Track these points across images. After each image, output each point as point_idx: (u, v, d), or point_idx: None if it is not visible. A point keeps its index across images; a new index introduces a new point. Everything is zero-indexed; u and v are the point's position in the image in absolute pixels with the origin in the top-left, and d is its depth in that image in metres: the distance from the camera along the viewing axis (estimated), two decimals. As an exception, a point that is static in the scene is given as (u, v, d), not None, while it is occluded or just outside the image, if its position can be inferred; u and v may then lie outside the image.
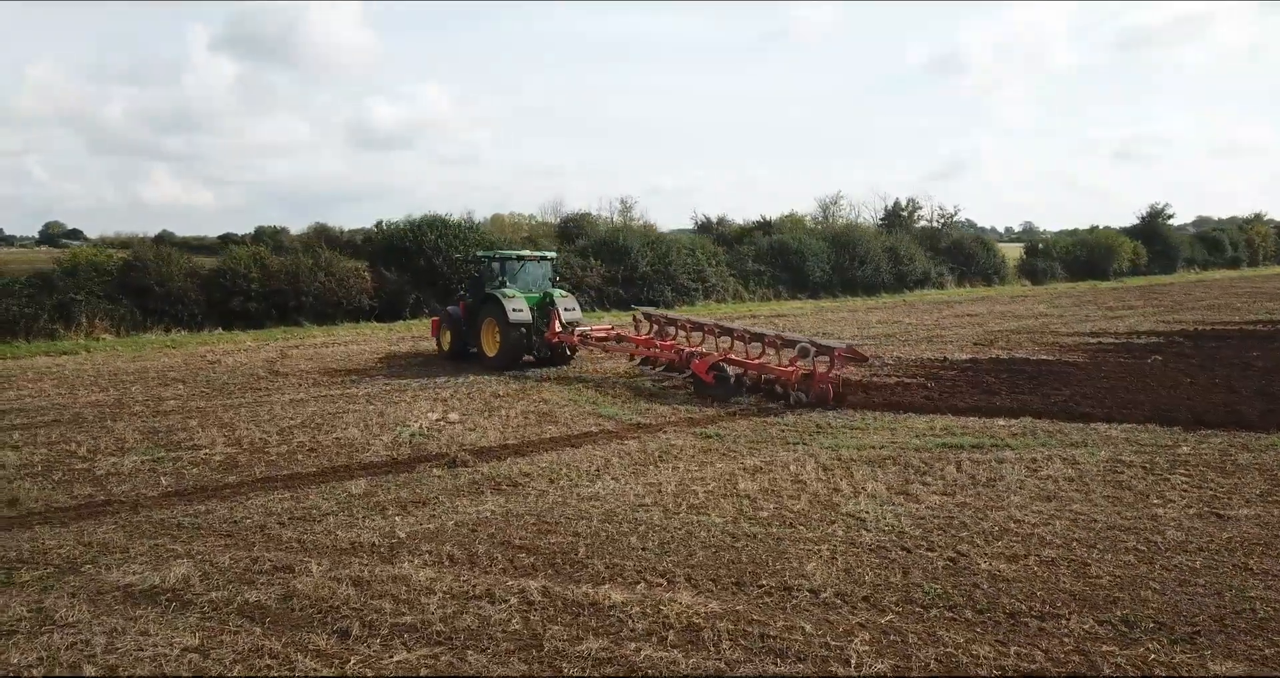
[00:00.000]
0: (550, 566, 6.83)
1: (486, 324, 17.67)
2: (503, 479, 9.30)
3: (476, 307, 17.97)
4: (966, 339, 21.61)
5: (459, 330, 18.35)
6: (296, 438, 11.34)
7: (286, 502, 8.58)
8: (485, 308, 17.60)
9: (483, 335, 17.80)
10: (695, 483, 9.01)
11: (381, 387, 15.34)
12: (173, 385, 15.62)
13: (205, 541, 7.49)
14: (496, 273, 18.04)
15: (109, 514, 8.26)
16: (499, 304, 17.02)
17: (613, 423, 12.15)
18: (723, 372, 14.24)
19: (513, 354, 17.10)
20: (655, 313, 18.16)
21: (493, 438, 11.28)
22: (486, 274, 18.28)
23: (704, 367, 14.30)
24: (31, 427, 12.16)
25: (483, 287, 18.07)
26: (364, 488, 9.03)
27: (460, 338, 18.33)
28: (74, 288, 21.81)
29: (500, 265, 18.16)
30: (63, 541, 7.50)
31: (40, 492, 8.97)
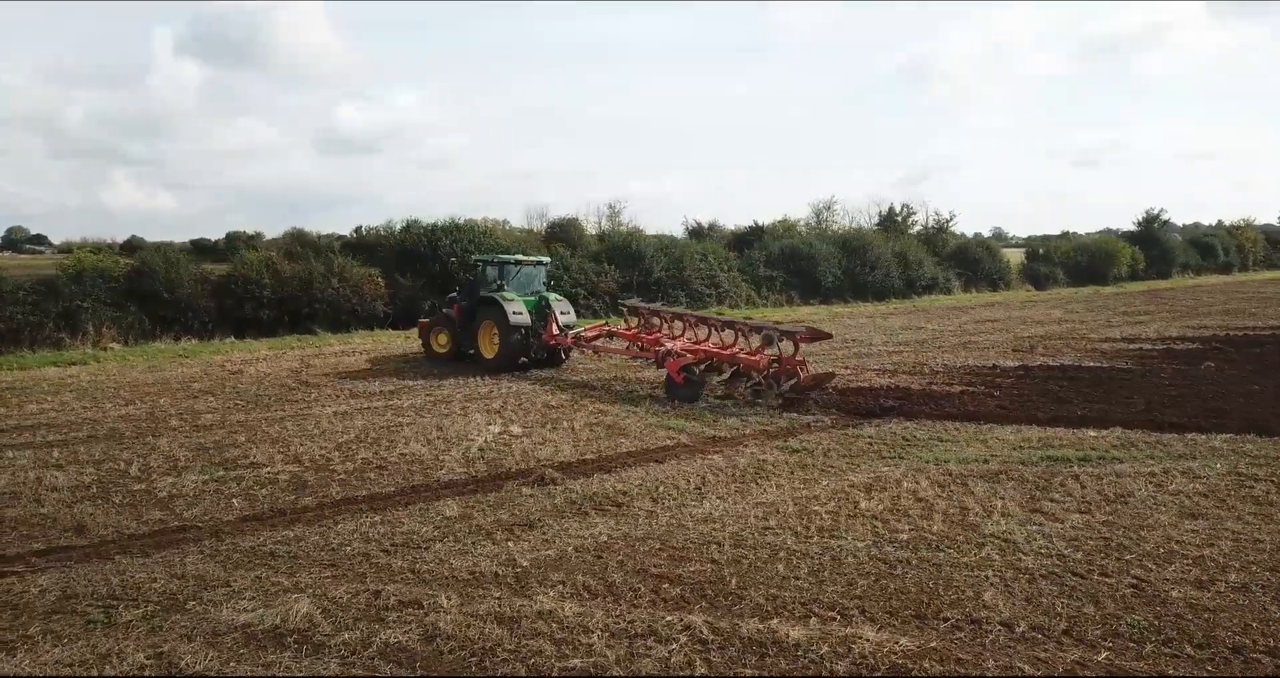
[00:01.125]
0: (702, 597, 6.28)
1: (485, 326, 17.90)
2: (601, 499, 8.74)
3: (473, 309, 18.23)
4: (1002, 345, 21.29)
5: (455, 333, 18.54)
6: (359, 454, 10.70)
7: (379, 526, 7.96)
8: (483, 311, 17.86)
9: (480, 338, 18.03)
10: (811, 503, 8.50)
11: (424, 398, 14.70)
12: (202, 398, 14.88)
13: (309, 572, 6.87)
14: (494, 277, 18.38)
15: (190, 542, 7.60)
16: (499, 307, 17.33)
17: (686, 436, 11.62)
18: (692, 374, 14.48)
19: (512, 356, 17.41)
20: (641, 305, 18.12)
21: (568, 453, 10.70)
22: (483, 277, 18.52)
23: (676, 367, 14.47)
24: (68, 443, 11.42)
25: (477, 290, 18.37)
26: (457, 509, 8.42)
27: (457, 340, 18.55)
28: (80, 295, 20.95)
29: (498, 269, 18.49)
30: (152, 573, 6.84)
31: (106, 517, 8.28)
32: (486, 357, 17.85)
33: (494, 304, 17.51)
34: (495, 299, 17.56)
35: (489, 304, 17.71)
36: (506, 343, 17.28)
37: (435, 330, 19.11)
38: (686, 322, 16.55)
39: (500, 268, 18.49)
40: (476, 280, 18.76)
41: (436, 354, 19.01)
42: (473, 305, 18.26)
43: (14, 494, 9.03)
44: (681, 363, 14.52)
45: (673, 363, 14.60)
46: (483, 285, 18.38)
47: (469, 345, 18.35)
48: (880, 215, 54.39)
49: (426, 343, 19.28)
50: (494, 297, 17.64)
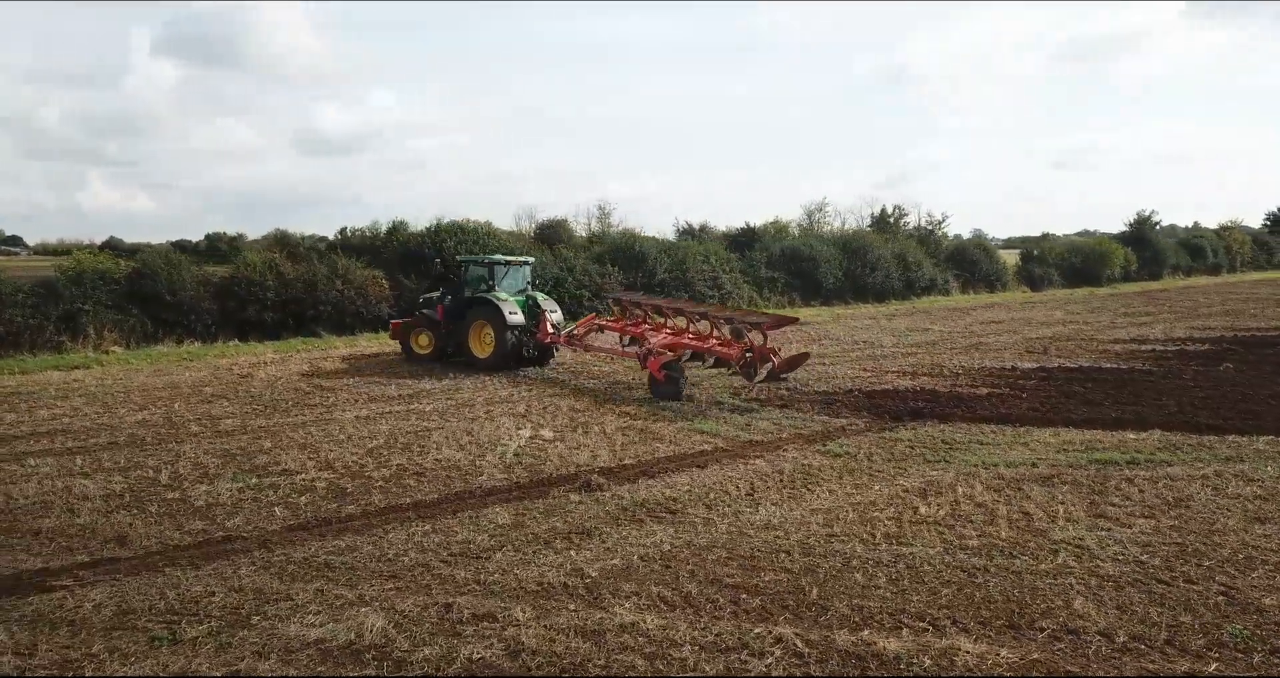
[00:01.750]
0: (784, 608, 6.11)
1: (476, 327, 17.92)
2: (653, 505, 8.56)
3: (461, 310, 18.23)
4: (1014, 347, 21.26)
5: (439, 333, 18.58)
6: (393, 460, 10.46)
7: (432, 535, 7.75)
8: (475, 311, 17.90)
9: (471, 338, 18.02)
10: (869, 509, 8.35)
11: (444, 401, 14.45)
12: (216, 402, 14.56)
13: (370, 584, 6.64)
14: (485, 277, 18.42)
15: (239, 553, 7.35)
16: (494, 307, 17.50)
17: (721, 440, 11.45)
18: (673, 372, 14.67)
19: (507, 355, 17.50)
20: (625, 297, 18.32)
21: (606, 458, 10.50)
22: (472, 278, 18.58)
23: (657, 366, 14.66)
24: (89, 450, 11.12)
25: (463, 290, 18.47)
26: (508, 517, 8.22)
27: (440, 341, 18.57)
28: (80, 297, 20.51)
29: (488, 270, 18.54)
30: (207, 586, 6.59)
31: (147, 527, 8.01)
32: (479, 356, 17.88)
33: (488, 304, 17.66)
34: (489, 299, 17.69)
35: (481, 304, 17.82)
36: (502, 342, 17.40)
37: (416, 331, 19.04)
38: (665, 313, 16.86)
39: (490, 268, 18.57)
40: (462, 281, 18.80)
41: (417, 355, 18.91)
42: (461, 306, 18.29)
43: (45, 504, 8.74)
44: (662, 361, 14.69)
45: (654, 362, 14.75)
46: (469, 286, 18.49)
47: (455, 345, 18.44)
48: (873, 216, 54.52)
49: (405, 344, 19.16)
50: (487, 297, 17.77)
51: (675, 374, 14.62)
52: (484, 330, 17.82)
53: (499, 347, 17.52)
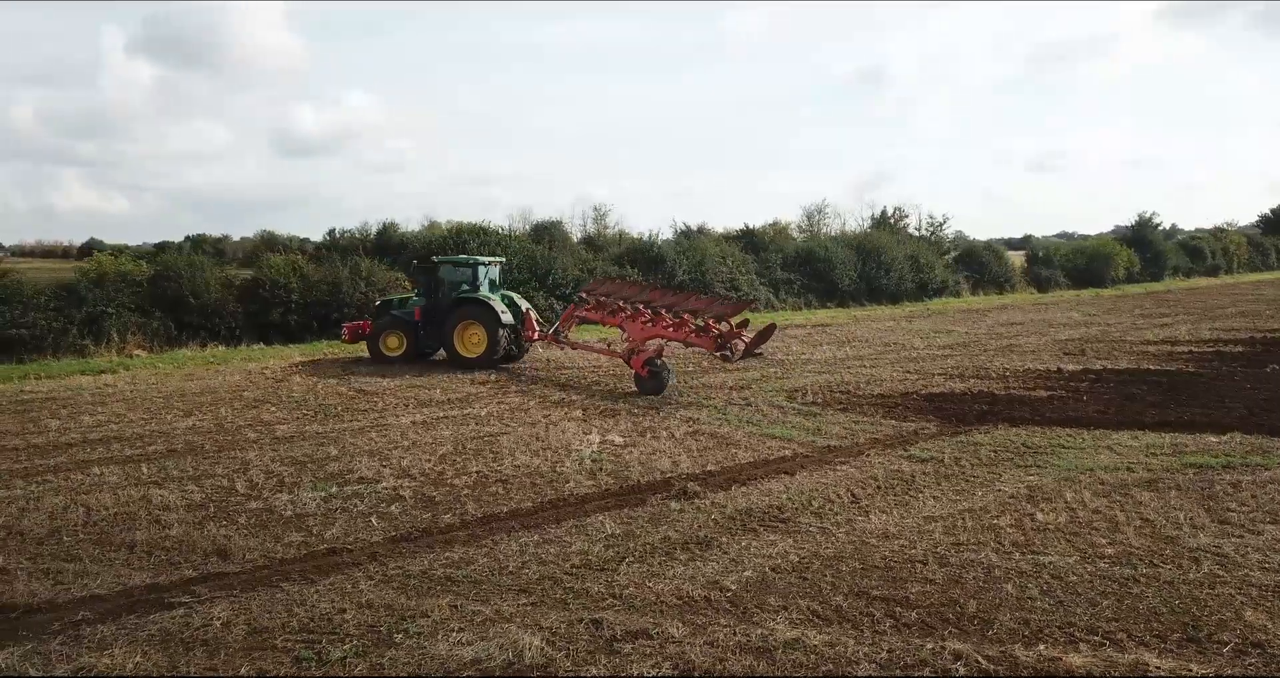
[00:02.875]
0: (945, 622, 5.91)
1: (464, 326, 18.25)
2: (759, 514, 8.35)
3: (446, 310, 18.47)
4: (1047, 349, 21.19)
5: (414, 334, 18.82)
6: (470, 466, 10.20)
7: (545, 546, 7.50)
8: (463, 311, 18.26)
9: (457, 338, 18.30)
10: (982, 516, 8.18)
11: (496, 405, 14.19)
12: (262, 408, 14.24)
13: (502, 598, 6.40)
14: (468, 278, 18.84)
15: (350, 566, 7.08)
16: (485, 307, 18.03)
17: (797, 445, 11.25)
18: (655, 367, 15.17)
19: (497, 354, 18.01)
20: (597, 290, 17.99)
21: (687, 465, 10.28)
22: (452, 279, 18.89)
23: (640, 363, 15.25)
24: (149, 458, 10.79)
25: (441, 291, 18.77)
26: (615, 526, 7.98)
27: (416, 342, 18.81)
28: (103, 300, 20.09)
29: (473, 271, 19.00)
30: (333, 602, 6.33)
31: (244, 539, 7.72)
32: (467, 356, 18.19)
33: (479, 304, 18.15)
34: (480, 300, 18.21)
35: (471, 304, 18.22)
36: (494, 342, 17.89)
37: (386, 333, 19.05)
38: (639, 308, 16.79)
39: (474, 269, 18.98)
40: (440, 282, 18.94)
41: (386, 357, 18.90)
42: (443, 306, 18.51)
43: (129, 516, 8.43)
44: (645, 358, 15.25)
45: (636, 360, 15.37)
46: (450, 287, 18.77)
47: (434, 346, 18.89)
48: (873, 218, 54.50)
49: (374, 346, 19.08)
50: (478, 297, 18.27)
51: (657, 369, 15.15)
52: (470, 330, 18.19)
53: (490, 346, 17.96)
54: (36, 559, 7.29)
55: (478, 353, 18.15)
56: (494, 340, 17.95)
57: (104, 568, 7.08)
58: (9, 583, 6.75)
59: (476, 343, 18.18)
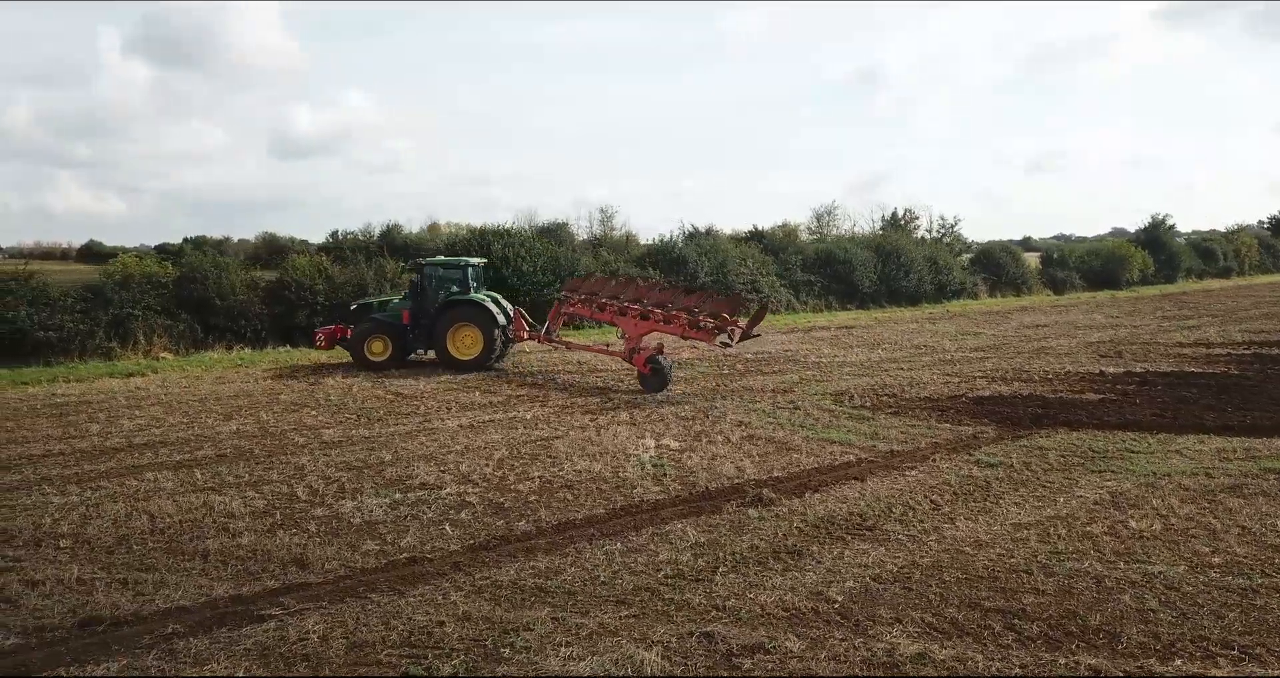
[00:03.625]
0: (1069, 635, 5.72)
1: (458, 328, 18.11)
2: (841, 521, 8.15)
3: (437, 312, 18.20)
4: (1080, 351, 20.99)
5: (400, 338, 18.37)
6: (531, 472, 10.00)
7: (629, 554, 7.31)
8: (456, 312, 18.10)
9: (450, 340, 18.14)
10: (1072, 523, 7.99)
11: (540, 408, 13.98)
12: (301, 411, 14.04)
13: (603, 610, 6.20)
14: (459, 280, 18.71)
15: (436, 576, 6.89)
16: (481, 309, 18.01)
17: (858, 450, 11.05)
18: (657, 363, 15.45)
19: (494, 355, 18.09)
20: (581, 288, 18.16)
21: (751, 471, 10.07)
22: (440, 281, 18.64)
23: (642, 361, 15.51)
24: (200, 464, 10.60)
25: (429, 294, 18.43)
26: (697, 534, 7.79)
27: (402, 345, 18.40)
28: (129, 302, 19.88)
29: (464, 273, 18.87)
30: (429, 614, 6.13)
31: (320, 548, 7.52)
32: (461, 358, 18.06)
33: (473, 306, 18.07)
34: (475, 301, 18.14)
35: (466, 306, 18.11)
36: (490, 343, 17.89)
37: (370, 338, 18.34)
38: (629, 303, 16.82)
39: (464, 271, 18.86)
40: (423, 285, 18.59)
41: (372, 362, 18.19)
42: (433, 309, 18.23)
43: (195, 523, 8.23)
44: (646, 356, 15.50)
45: (638, 358, 15.60)
46: (439, 288, 18.50)
47: (421, 348, 18.63)
48: (884, 220, 54.30)
49: (358, 352, 18.34)
50: (472, 299, 18.19)
51: (658, 366, 15.43)
52: (464, 332, 18.07)
53: (487, 347, 17.91)
54: (110, 569, 7.09)
55: (472, 355, 18.03)
56: (490, 342, 17.92)
57: (182, 578, 6.87)
58: (88, 594, 6.55)
59: (470, 345, 18.07)
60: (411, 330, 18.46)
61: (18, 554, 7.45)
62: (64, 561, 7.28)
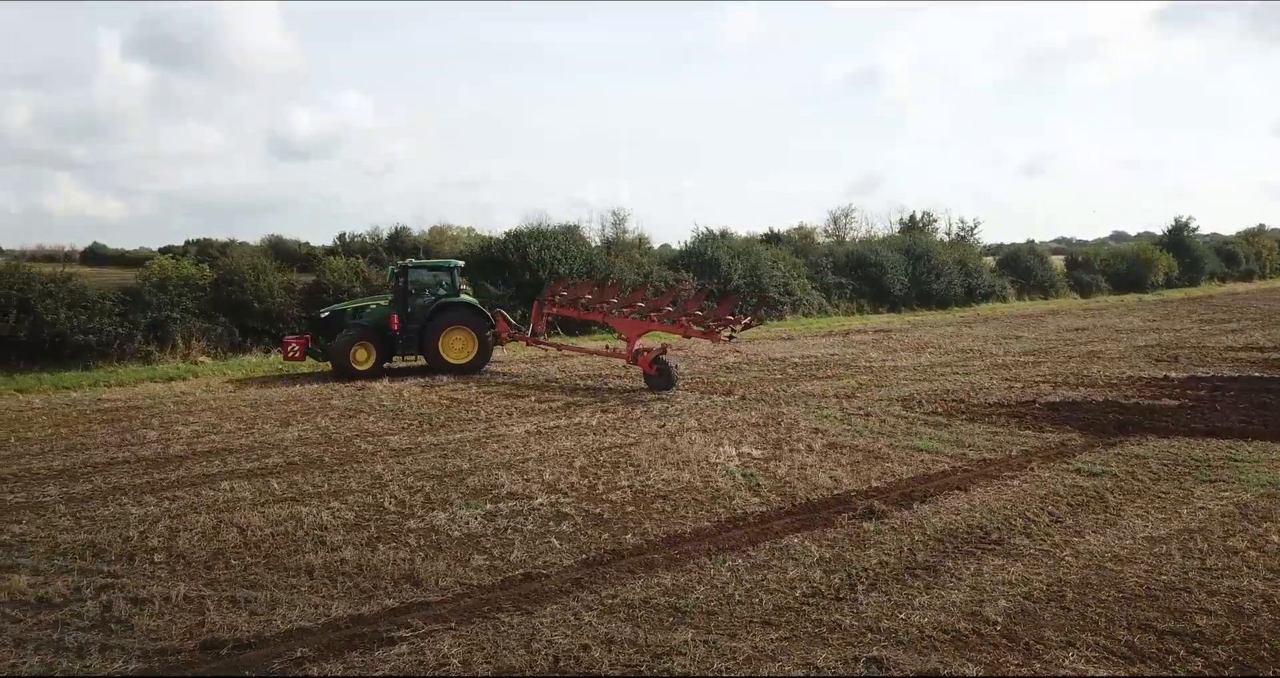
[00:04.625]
0: (1259, 660, 5.39)
1: (450, 332, 17.83)
2: (964, 535, 7.81)
3: (429, 315, 17.75)
4: (1133, 355, 20.63)
5: (382, 344, 17.70)
6: (617, 480, 9.68)
7: (755, 571, 6.98)
8: (449, 315, 17.79)
9: (443, 344, 17.80)
10: (1208, 536, 7.66)
11: (604, 415, 13.63)
12: (358, 417, 13.73)
13: (751, 631, 5.86)
14: (446, 282, 18.38)
15: (559, 594, 6.56)
16: (474, 311, 17.90)
17: (948, 458, 10.70)
18: (663, 364, 15.74)
19: (488, 358, 18.11)
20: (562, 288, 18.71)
21: (848, 481, 9.72)
22: (430, 283, 18.28)
23: (647, 362, 15.78)
24: (270, 472, 10.29)
25: (414, 296, 17.94)
26: (818, 549, 7.45)
27: (386, 352, 17.76)
28: (168, 305, 19.56)
29: (451, 275, 18.52)
30: (569, 636, 5.80)
31: (427, 563, 7.19)
32: (454, 362, 17.74)
33: (466, 308, 17.93)
34: (467, 304, 18.03)
35: (460, 308, 17.89)
36: (484, 345, 17.81)
37: (355, 346, 17.42)
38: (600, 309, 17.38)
39: (452, 274, 18.53)
40: (406, 288, 17.95)
41: (357, 371, 17.30)
42: (422, 312, 17.74)
43: (287, 535, 7.90)
44: (651, 357, 15.78)
45: (644, 361, 15.85)
46: (425, 291, 18.15)
47: (405, 354, 18.00)
48: (901, 222, 53.91)
49: (342, 361, 17.29)
50: (464, 301, 18.06)
51: (664, 367, 15.74)
52: (455, 335, 17.81)
53: (481, 350, 17.81)
54: (214, 585, 6.75)
55: (466, 359, 17.82)
56: (484, 345, 17.82)
57: (294, 596, 6.54)
58: (200, 613, 6.22)
59: (461, 348, 17.83)
60: (401, 335, 17.77)
61: (113, 569, 7.12)
62: (163, 577, 6.95)
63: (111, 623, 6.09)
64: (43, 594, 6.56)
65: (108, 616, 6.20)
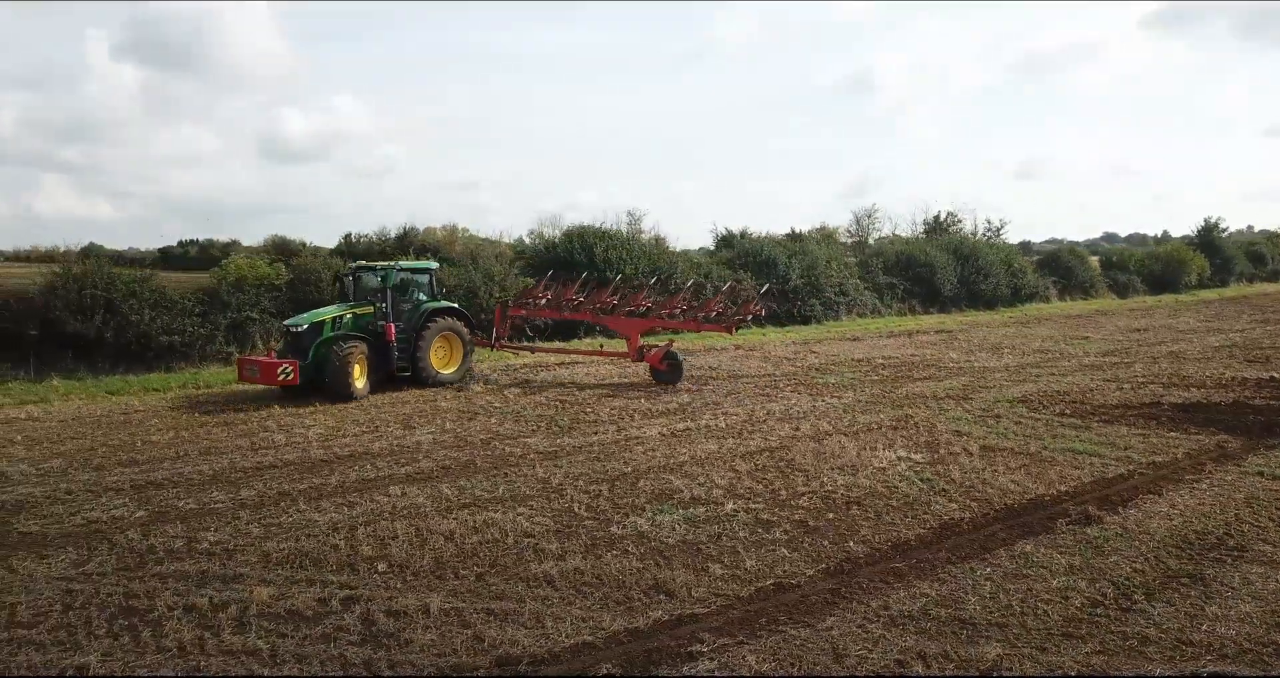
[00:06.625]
0: None
1: (441, 339, 16.45)
2: (1194, 540, 7.68)
3: (421, 322, 15.91)
4: (1219, 355, 20.47)
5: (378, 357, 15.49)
6: (795, 486, 9.46)
7: (1011, 580, 6.78)
8: (441, 323, 16.26)
9: (433, 352, 16.21)
10: None
11: (722, 416, 13.37)
12: (476, 419, 13.50)
13: (1053, 644, 5.65)
14: (429, 285, 16.97)
15: (825, 606, 6.34)
16: (464, 315, 16.90)
17: (1113, 461, 10.49)
18: (674, 359, 16.40)
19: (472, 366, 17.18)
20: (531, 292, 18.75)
21: (1034, 486, 9.51)
22: (411, 288, 16.53)
23: (657, 358, 16.35)
24: (430, 477, 10.10)
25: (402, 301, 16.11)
26: (1055, 556, 7.28)
27: (382, 366, 15.51)
28: (246, 305, 19.29)
29: (430, 276, 17.12)
30: (867, 649, 5.56)
31: (670, 573, 6.98)
32: (443, 372, 16.26)
33: (455, 313, 16.71)
34: (455, 309, 16.86)
35: (450, 314, 16.50)
36: (469, 353, 16.92)
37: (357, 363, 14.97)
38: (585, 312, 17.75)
39: (431, 274, 17.14)
40: (393, 293, 15.83)
41: (359, 392, 14.98)
42: (418, 319, 15.93)
43: (496, 543, 7.69)
44: (661, 353, 16.34)
45: (653, 357, 16.39)
46: (415, 294, 16.51)
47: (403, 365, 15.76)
48: (925, 223, 53.67)
49: (342, 380, 14.72)
50: (454, 306, 16.95)
51: (675, 361, 16.35)
52: (442, 342, 16.34)
53: (467, 358, 16.80)
54: (460, 596, 6.51)
55: (453, 368, 16.46)
56: (469, 353, 16.76)
57: (551, 607, 6.31)
58: (467, 627, 5.98)
59: (445, 357, 16.42)
60: (397, 346, 15.66)
61: (343, 580, 6.88)
62: (399, 588, 6.70)
63: (382, 637, 5.85)
64: (291, 607, 6.32)
65: (374, 629, 5.96)
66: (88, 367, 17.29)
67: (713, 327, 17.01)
